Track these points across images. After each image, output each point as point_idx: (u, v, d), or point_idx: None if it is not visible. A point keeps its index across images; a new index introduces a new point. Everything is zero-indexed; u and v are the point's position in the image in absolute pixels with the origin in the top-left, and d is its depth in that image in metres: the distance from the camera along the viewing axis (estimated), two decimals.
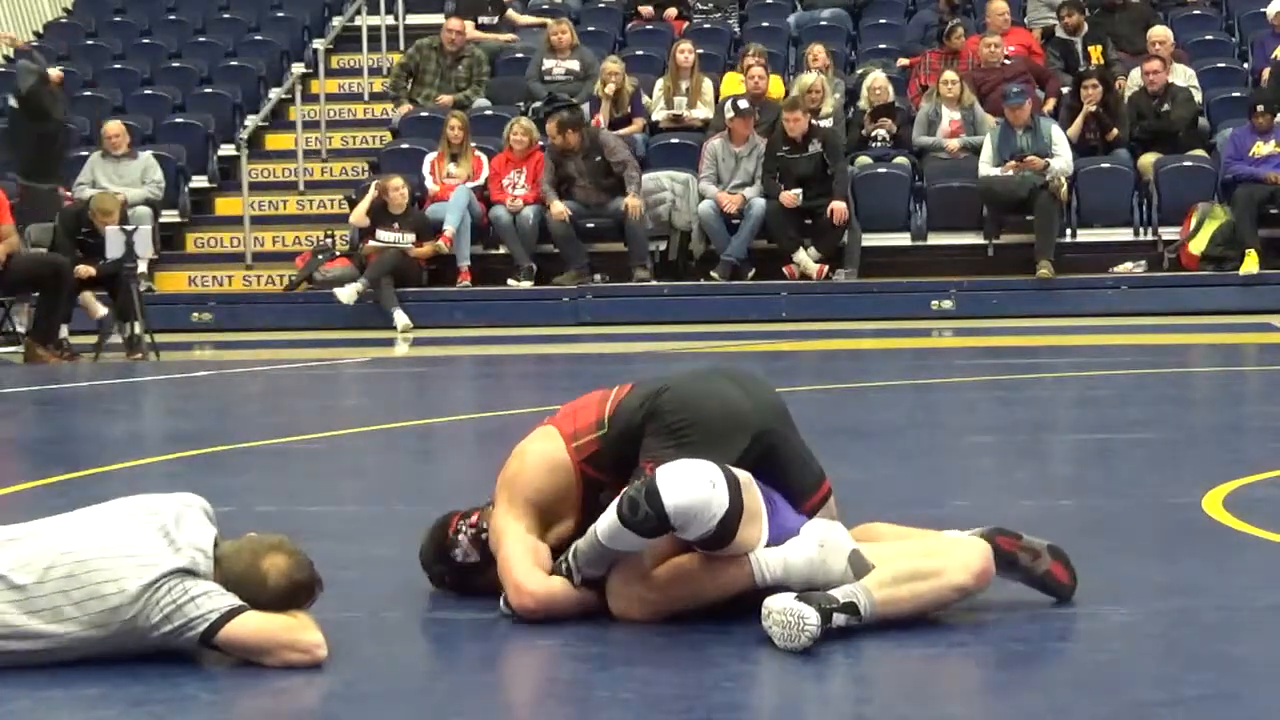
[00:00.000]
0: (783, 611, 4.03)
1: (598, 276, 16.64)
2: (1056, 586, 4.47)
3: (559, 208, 16.35)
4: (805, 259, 16.17)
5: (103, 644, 3.94)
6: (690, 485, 4.17)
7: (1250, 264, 15.81)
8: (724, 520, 4.19)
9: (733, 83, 17.66)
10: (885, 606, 4.15)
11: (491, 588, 4.56)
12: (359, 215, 16.50)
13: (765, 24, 20.13)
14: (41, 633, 3.92)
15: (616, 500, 4.24)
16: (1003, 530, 4.46)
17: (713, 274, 16.35)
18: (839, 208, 15.99)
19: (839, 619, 4.07)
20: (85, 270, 14.09)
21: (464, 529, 4.63)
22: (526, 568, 4.41)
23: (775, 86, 17.56)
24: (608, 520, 4.26)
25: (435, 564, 4.69)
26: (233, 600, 3.97)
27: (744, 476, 4.32)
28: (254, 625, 3.96)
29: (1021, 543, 4.46)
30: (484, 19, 19.64)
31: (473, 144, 17.00)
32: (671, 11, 19.99)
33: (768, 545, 4.33)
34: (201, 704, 3.75)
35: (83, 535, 4.00)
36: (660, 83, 18.01)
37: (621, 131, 17.40)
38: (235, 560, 4.03)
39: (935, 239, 16.83)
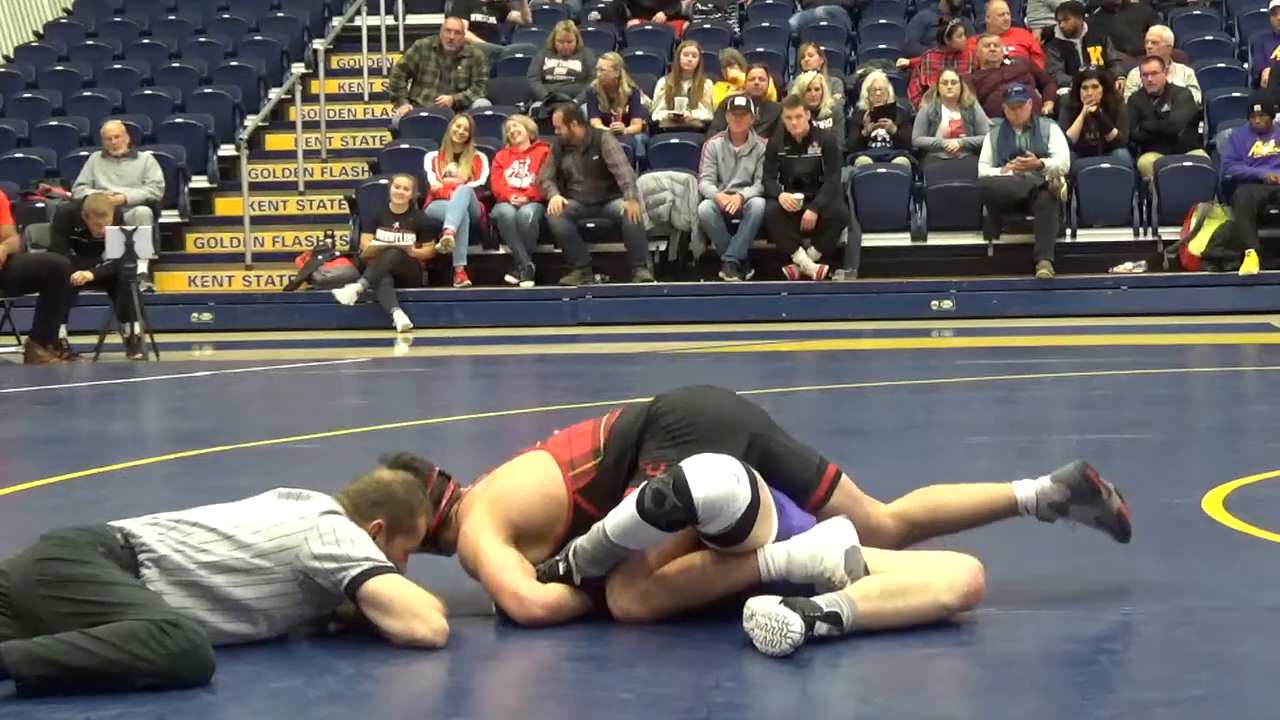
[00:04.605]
0: (767, 615, 4.03)
1: (599, 276, 16.64)
2: (1126, 525, 4.62)
3: (558, 202, 16.35)
4: (805, 259, 16.17)
5: (279, 591, 4.15)
6: (717, 478, 4.17)
7: (1250, 264, 15.81)
8: (745, 514, 4.20)
9: (721, 91, 17.63)
10: (868, 619, 4.15)
11: (437, 553, 4.61)
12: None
13: (765, 24, 20.13)
14: (257, 567, 4.12)
15: (634, 495, 4.23)
16: (1089, 464, 4.60)
17: (721, 275, 16.31)
18: (810, 217, 15.99)
19: (821, 628, 4.08)
20: (83, 276, 14.07)
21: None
22: (523, 579, 4.39)
23: (770, 90, 17.53)
24: (621, 516, 4.24)
25: None
26: (383, 558, 4.18)
27: (757, 473, 4.33)
28: (398, 587, 4.16)
29: (1101, 478, 4.60)
30: (478, 17, 19.64)
31: (473, 144, 16.99)
32: (660, 16, 19.96)
33: (774, 542, 4.34)
34: (202, 704, 3.75)
35: (237, 509, 4.24)
36: (661, 83, 18.01)
37: (625, 131, 17.40)
38: (353, 486, 4.35)
39: (935, 239, 16.82)
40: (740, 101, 16.43)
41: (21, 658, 3.71)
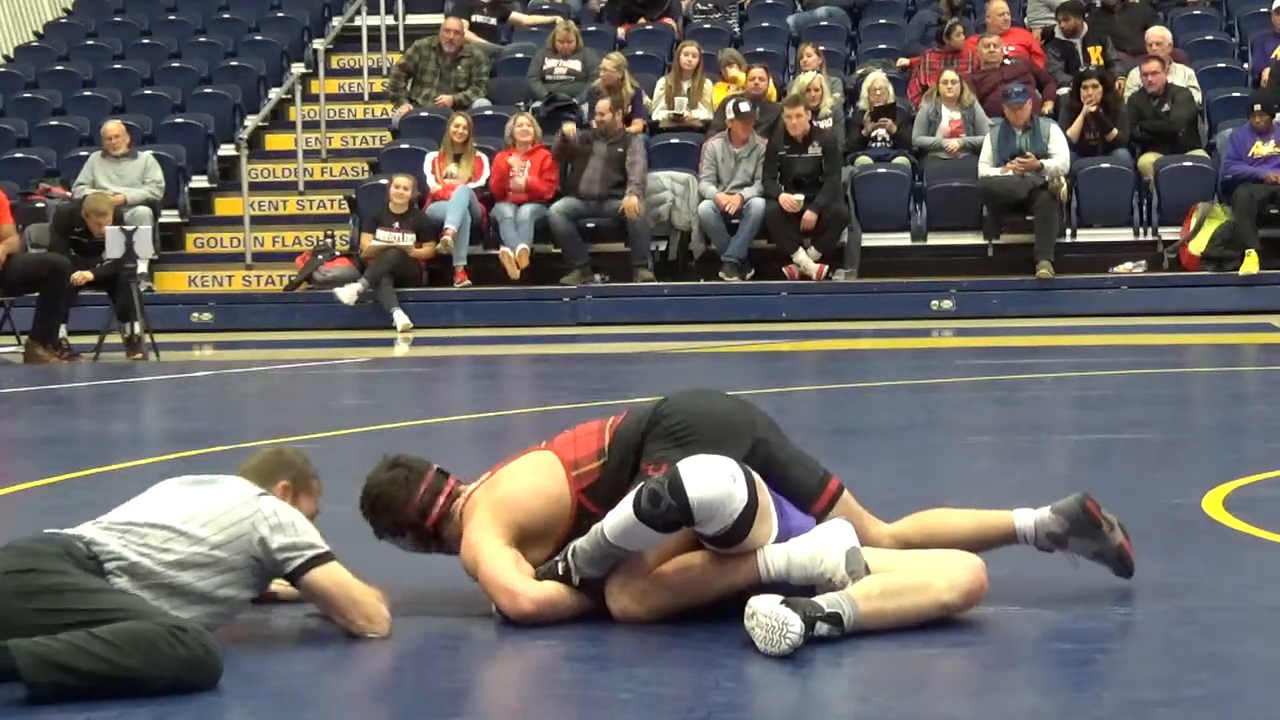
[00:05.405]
0: (768, 615, 4.03)
1: (599, 276, 16.64)
2: (1127, 560, 4.60)
3: (571, 127, 16.55)
4: (805, 259, 16.17)
5: (234, 579, 4.16)
6: (713, 478, 4.17)
7: (1250, 264, 15.80)
8: (742, 515, 4.20)
9: (720, 91, 17.64)
10: (869, 619, 4.15)
11: (442, 551, 4.64)
12: None
13: (765, 24, 20.12)
14: (211, 558, 4.13)
15: (631, 496, 4.23)
16: (1090, 497, 4.58)
17: (721, 275, 16.31)
18: (810, 217, 16.00)
19: (822, 628, 4.08)
20: (83, 276, 14.06)
21: (405, 534, 4.65)
22: (518, 575, 4.40)
23: (770, 90, 17.54)
24: (618, 517, 4.24)
25: (376, 529, 4.71)
26: (323, 543, 4.25)
27: (755, 475, 4.33)
28: (341, 578, 4.25)
29: (1102, 511, 4.57)
30: (479, 18, 19.66)
31: (473, 144, 16.99)
32: (642, 20, 19.95)
33: (774, 543, 4.34)
34: (202, 704, 3.75)
35: (173, 503, 4.24)
36: (661, 83, 18.02)
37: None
38: (250, 463, 4.53)
39: (935, 239, 16.82)
40: (745, 107, 16.40)
41: (30, 660, 3.69)
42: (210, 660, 3.82)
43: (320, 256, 16.97)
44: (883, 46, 19.38)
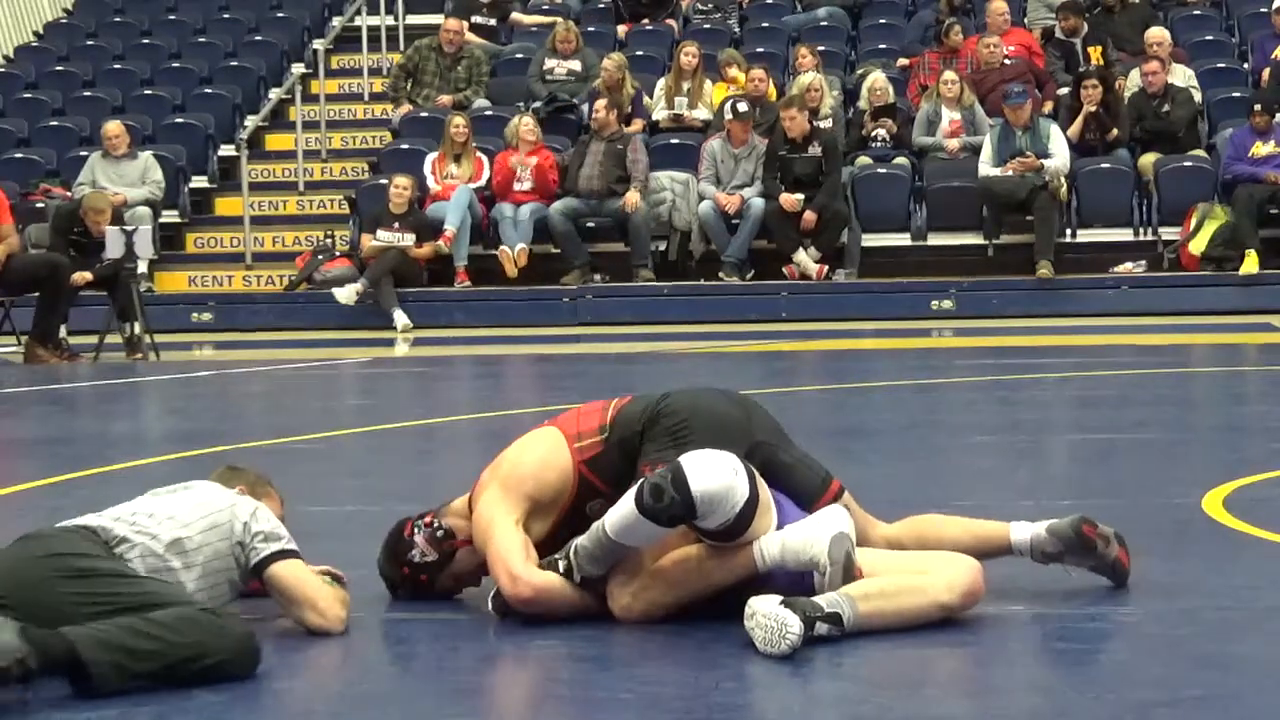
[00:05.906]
0: (767, 615, 4.03)
1: (598, 276, 16.64)
2: (1122, 571, 4.63)
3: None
4: (805, 259, 16.17)
5: (219, 566, 4.24)
6: (715, 471, 4.17)
7: (1250, 264, 15.80)
8: (744, 508, 4.20)
9: (720, 91, 17.65)
10: (868, 619, 4.16)
11: (448, 591, 4.63)
12: None
13: (764, 24, 20.13)
14: (200, 544, 4.21)
15: (633, 491, 4.24)
16: (1086, 519, 4.60)
17: (721, 275, 16.30)
18: (810, 217, 16.00)
19: (822, 628, 4.08)
20: (82, 276, 14.06)
21: (420, 529, 4.65)
22: (522, 559, 4.41)
23: (771, 91, 17.54)
24: (620, 513, 4.25)
25: (391, 567, 4.70)
26: (291, 540, 4.32)
27: (755, 470, 4.33)
28: (300, 573, 4.31)
29: (1098, 530, 4.60)
30: (478, 19, 19.66)
31: (473, 144, 16.99)
32: (645, 21, 19.95)
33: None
34: (202, 704, 3.75)
35: (155, 501, 4.31)
36: (661, 83, 18.02)
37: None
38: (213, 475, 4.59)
39: (935, 239, 16.82)
40: (743, 107, 16.39)
41: (91, 642, 3.72)
42: (253, 641, 3.90)
43: (320, 256, 16.97)
44: (882, 46, 19.38)
